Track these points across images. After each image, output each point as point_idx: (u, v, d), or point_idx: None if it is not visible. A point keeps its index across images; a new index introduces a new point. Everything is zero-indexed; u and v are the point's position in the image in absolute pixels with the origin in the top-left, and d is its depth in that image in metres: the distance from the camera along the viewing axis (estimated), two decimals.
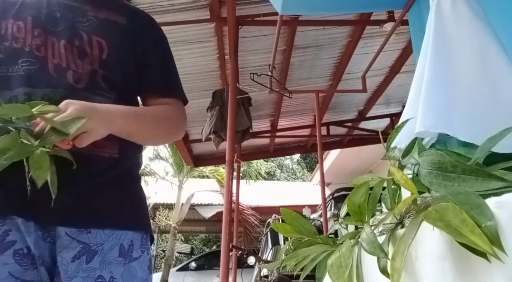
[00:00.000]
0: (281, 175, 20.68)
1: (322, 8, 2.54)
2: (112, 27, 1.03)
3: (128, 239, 0.93)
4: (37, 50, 0.93)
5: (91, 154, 0.89)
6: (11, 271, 0.81)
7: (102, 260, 0.88)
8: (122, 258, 0.90)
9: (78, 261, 0.86)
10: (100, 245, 0.89)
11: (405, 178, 0.72)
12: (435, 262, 0.64)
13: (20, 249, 0.83)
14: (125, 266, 0.90)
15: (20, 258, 0.83)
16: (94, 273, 0.86)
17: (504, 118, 1.04)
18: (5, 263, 0.81)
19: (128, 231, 0.93)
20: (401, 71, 4.50)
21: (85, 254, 0.87)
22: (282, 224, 1.13)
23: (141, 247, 0.95)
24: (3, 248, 0.82)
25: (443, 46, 1.26)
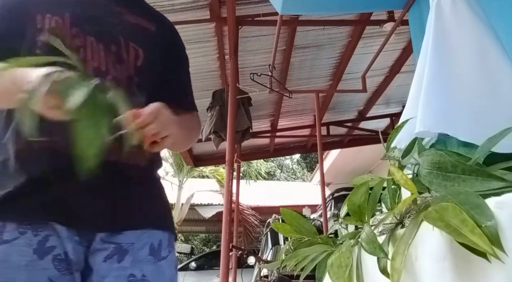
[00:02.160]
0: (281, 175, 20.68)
1: (322, 8, 2.54)
2: (145, 34, 1.03)
3: (157, 238, 0.95)
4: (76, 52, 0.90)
5: (124, 163, 0.91)
6: (50, 276, 0.82)
7: (133, 259, 0.89)
8: (152, 257, 0.92)
9: (109, 260, 0.88)
10: (131, 244, 0.90)
11: (405, 178, 0.72)
12: (435, 262, 0.64)
13: (58, 254, 0.84)
14: (154, 265, 0.92)
15: (59, 264, 0.83)
16: (126, 272, 0.88)
17: (504, 118, 1.04)
18: (45, 268, 0.82)
19: (157, 230, 0.96)
20: (401, 71, 4.49)
21: (117, 253, 0.89)
22: (282, 224, 1.13)
23: (168, 247, 0.97)
24: (43, 253, 0.82)
25: (443, 46, 1.26)
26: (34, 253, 0.82)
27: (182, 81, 1.14)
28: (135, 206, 0.94)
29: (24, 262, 0.80)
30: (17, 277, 0.79)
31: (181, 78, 1.14)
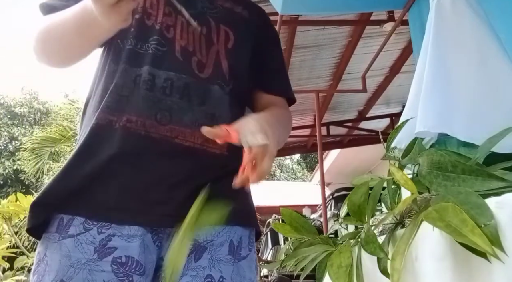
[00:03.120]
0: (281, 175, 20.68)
1: (322, 8, 2.54)
2: (237, 18, 1.00)
3: (238, 235, 0.88)
4: (166, 31, 0.90)
5: (204, 149, 0.85)
6: (106, 279, 0.76)
7: (211, 257, 0.83)
8: (231, 256, 0.85)
9: (187, 258, 0.81)
10: (209, 241, 0.84)
11: (405, 178, 0.72)
12: (435, 262, 0.64)
13: (119, 257, 0.78)
14: (234, 266, 0.85)
15: (117, 267, 0.77)
16: (203, 272, 0.81)
17: (504, 118, 1.04)
18: (102, 270, 0.76)
19: (238, 226, 0.89)
20: (401, 71, 4.50)
21: (194, 251, 0.82)
22: (282, 224, 1.13)
23: (249, 245, 0.91)
24: (103, 254, 0.77)
25: (443, 46, 1.26)
26: (95, 252, 0.77)
27: (277, 67, 1.08)
28: (215, 199, 0.85)
29: (84, 260, 0.76)
30: (75, 276, 0.75)
31: (276, 64, 1.08)
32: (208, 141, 0.84)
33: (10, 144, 16.85)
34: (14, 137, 16.93)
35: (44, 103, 18.58)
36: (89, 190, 0.80)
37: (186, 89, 0.86)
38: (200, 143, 0.85)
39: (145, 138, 0.82)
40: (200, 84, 0.88)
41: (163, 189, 0.81)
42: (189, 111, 0.86)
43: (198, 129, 0.82)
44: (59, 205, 0.79)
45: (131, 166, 0.82)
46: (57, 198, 0.80)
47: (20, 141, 15.85)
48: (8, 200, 5.75)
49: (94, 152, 0.82)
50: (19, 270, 5.60)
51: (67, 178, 0.81)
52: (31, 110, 17.94)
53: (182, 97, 0.86)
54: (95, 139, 0.83)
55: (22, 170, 13.98)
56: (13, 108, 17.69)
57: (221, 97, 0.90)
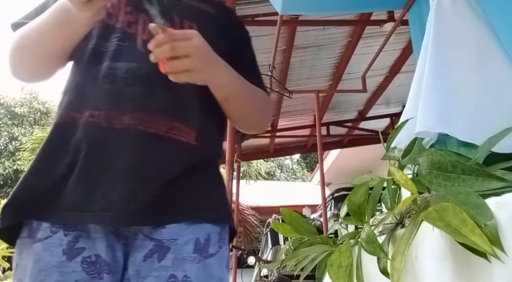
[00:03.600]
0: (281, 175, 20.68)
1: (322, 8, 2.54)
2: (202, 14, 1.01)
3: (205, 233, 0.85)
4: (128, 27, 0.91)
5: (170, 137, 0.84)
6: (78, 279, 0.77)
7: (175, 257, 0.81)
8: (197, 255, 0.82)
9: (149, 259, 0.80)
10: (173, 241, 0.82)
11: (405, 178, 0.72)
12: (435, 262, 0.64)
13: (88, 256, 0.78)
14: (200, 264, 0.82)
15: (88, 266, 0.78)
16: (167, 272, 0.79)
17: (504, 118, 1.04)
18: (73, 270, 0.77)
19: (205, 223, 0.85)
20: (401, 71, 4.50)
21: (157, 252, 0.81)
22: (282, 224, 1.13)
23: (219, 242, 0.87)
24: (72, 255, 0.78)
25: (443, 46, 1.26)
26: (63, 254, 0.77)
27: (252, 64, 1.09)
28: (181, 197, 0.84)
29: (54, 262, 0.77)
30: (47, 279, 0.76)
31: (250, 62, 1.08)
32: (173, 129, 0.84)
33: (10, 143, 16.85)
34: (14, 137, 16.93)
35: (44, 103, 18.58)
36: (53, 192, 0.80)
37: (149, 78, 0.86)
38: (165, 130, 0.83)
39: (109, 131, 0.82)
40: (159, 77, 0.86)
41: (129, 184, 0.80)
42: (153, 99, 0.85)
43: (162, 116, 0.83)
44: (25, 211, 0.80)
45: (96, 162, 0.81)
46: (23, 204, 0.80)
47: (20, 141, 15.86)
48: None
49: (57, 152, 0.82)
50: None
51: (31, 181, 0.81)
52: (31, 110, 17.94)
53: (145, 86, 0.86)
54: (58, 139, 0.84)
55: (22, 170, 13.97)
56: (13, 108, 17.70)
57: (190, 87, 0.87)
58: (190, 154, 0.87)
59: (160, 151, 0.83)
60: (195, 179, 0.87)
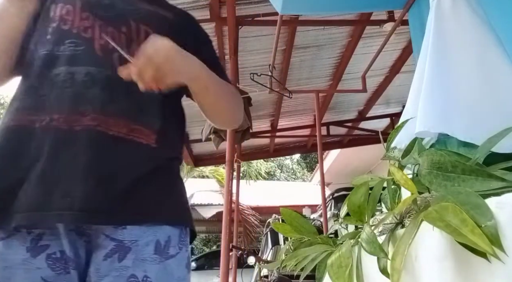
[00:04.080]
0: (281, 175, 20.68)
1: (322, 8, 2.54)
2: (159, 19, 1.02)
3: (165, 235, 0.87)
4: (84, 32, 0.92)
5: (130, 139, 0.85)
6: (43, 276, 0.78)
7: (136, 257, 0.82)
8: (157, 256, 0.84)
9: (110, 259, 0.81)
10: (134, 242, 0.83)
11: (405, 178, 0.72)
12: (435, 262, 0.64)
13: (53, 253, 0.79)
14: (160, 264, 0.84)
15: (53, 262, 0.79)
16: (127, 272, 0.81)
17: (504, 118, 1.04)
18: (38, 267, 0.78)
19: (165, 225, 0.87)
20: (401, 71, 4.50)
21: (118, 252, 0.82)
22: (282, 224, 1.13)
23: (179, 244, 0.88)
24: (36, 252, 0.79)
25: (443, 46, 1.26)
26: (27, 252, 0.78)
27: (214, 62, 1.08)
28: (141, 199, 0.85)
29: (19, 260, 0.77)
30: (13, 277, 0.77)
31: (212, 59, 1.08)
32: (133, 131, 0.85)
33: None
34: None
35: None
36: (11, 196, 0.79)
37: (109, 81, 0.87)
38: (125, 132, 0.84)
39: (68, 132, 0.82)
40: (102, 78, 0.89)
41: (89, 184, 0.80)
42: (113, 102, 0.86)
43: (122, 118, 0.84)
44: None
45: (55, 163, 0.81)
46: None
47: None
48: None
49: (14, 154, 0.82)
50: None
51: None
52: None
53: (105, 89, 0.86)
54: (13, 142, 0.83)
55: None
56: None
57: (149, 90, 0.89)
58: (150, 156, 0.88)
59: (120, 152, 0.84)
60: (155, 181, 0.88)
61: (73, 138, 0.82)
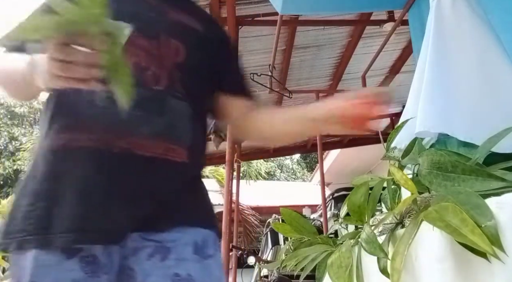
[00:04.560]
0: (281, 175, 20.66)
1: (322, 8, 2.54)
2: (189, 32, 1.01)
3: (202, 236, 0.90)
4: None
5: (166, 159, 0.87)
6: (74, 278, 0.78)
7: (177, 257, 0.85)
8: (197, 255, 0.88)
9: (153, 259, 0.84)
10: (173, 242, 0.86)
11: (405, 178, 0.72)
12: (435, 262, 0.64)
13: (86, 256, 0.80)
14: (200, 263, 0.87)
15: (86, 265, 0.80)
16: (170, 270, 0.84)
17: (504, 118, 1.04)
18: (70, 269, 0.78)
19: (200, 228, 0.91)
20: (401, 71, 4.49)
21: (159, 252, 0.85)
22: (282, 224, 1.13)
23: (214, 245, 0.92)
24: (71, 254, 0.79)
25: (443, 46, 1.26)
26: (62, 253, 0.79)
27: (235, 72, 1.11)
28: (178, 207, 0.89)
29: (52, 261, 0.78)
30: (45, 276, 0.77)
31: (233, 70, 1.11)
32: (168, 150, 0.87)
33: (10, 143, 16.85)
34: (14, 137, 16.93)
35: None
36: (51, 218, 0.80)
37: (143, 102, 0.86)
38: (160, 152, 0.86)
39: (106, 154, 0.83)
40: (157, 96, 0.89)
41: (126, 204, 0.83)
42: (148, 122, 0.87)
43: (158, 140, 0.85)
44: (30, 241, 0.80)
45: (94, 185, 0.82)
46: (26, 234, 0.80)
47: (20, 141, 15.86)
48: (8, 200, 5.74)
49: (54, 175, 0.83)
50: None
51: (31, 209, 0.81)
52: (31, 110, 17.93)
53: (139, 110, 0.86)
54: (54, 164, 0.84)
55: (22, 170, 13.98)
56: (13, 108, 17.69)
57: (181, 108, 0.92)
58: (184, 171, 0.91)
59: (157, 172, 0.86)
60: (190, 192, 0.92)
61: (111, 161, 0.83)
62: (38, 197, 0.82)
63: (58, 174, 0.83)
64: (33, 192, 0.83)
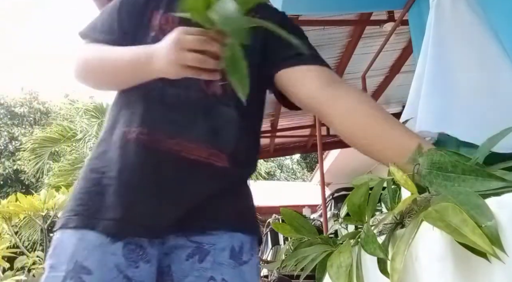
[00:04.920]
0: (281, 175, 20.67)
1: (322, 8, 2.54)
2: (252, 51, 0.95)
3: (239, 241, 0.91)
4: None
5: (209, 163, 0.88)
6: (117, 263, 0.79)
7: (214, 260, 0.86)
8: (232, 261, 0.88)
9: (191, 260, 0.85)
10: (212, 245, 0.87)
11: (405, 178, 0.72)
12: (435, 262, 0.64)
13: (129, 242, 0.82)
14: (235, 269, 0.88)
15: (129, 252, 0.81)
16: (206, 273, 0.85)
17: (504, 118, 1.04)
18: (114, 253, 0.80)
19: (239, 233, 0.92)
20: (401, 71, 4.49)
21: (198, 253, 0.86)
22: (282, 224, 1.13)
23: (251, 251, 0.93)
24: (116, 238, 0.81)
25: (443, 46, 1.26)
26: (108, 236, 0.80)
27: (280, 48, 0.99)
28: (219, 210, 0.90)
29: (98, 242, 0.79)
30: (89, 257, 0.78)
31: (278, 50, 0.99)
32: (211, 155, 0.88)
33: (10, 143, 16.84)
34: (14, 137, 16.92)
35: (44, 103, 18.58)
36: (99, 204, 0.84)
37: (193, 105, 0.89)
38: (204, 156, 0.87)
39: (154, 152, 0.85)
40: (207, 100, 0.90)
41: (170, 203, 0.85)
42: (195, 126, 0.88)
43: (203, 144, 0.87)
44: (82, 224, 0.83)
45: (140, 179, 0.85)
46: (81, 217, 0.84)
47: (20, 141, 15.85)
48: (8, 200, 5.75)
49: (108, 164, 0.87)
50: (19, 270, 5.61)
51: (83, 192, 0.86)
52: (31, 110, 17.93)
53: (189, 113, 0.88)
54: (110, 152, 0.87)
55: (22, 170, 13.97)
56: (13, 108, 17.69)
57: (228, 114, 0.92)
58: (225, 175, 0.91)
59: (200, 175, 0.88)
60: (230, 195, 0.93)
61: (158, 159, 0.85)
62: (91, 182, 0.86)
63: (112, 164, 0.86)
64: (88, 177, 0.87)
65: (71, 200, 0.86)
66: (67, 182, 8.66)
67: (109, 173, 0.85)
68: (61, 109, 15.36)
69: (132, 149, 0.86)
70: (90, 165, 0.89)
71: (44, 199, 5.86)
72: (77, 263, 0.77)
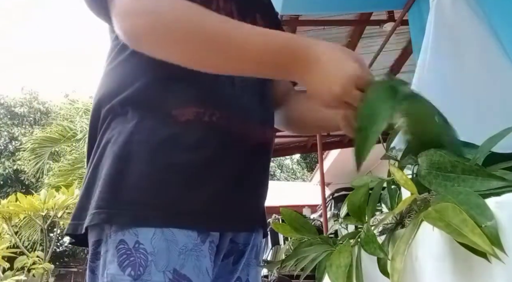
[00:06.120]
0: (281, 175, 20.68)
1: (322, 8, 2.54)
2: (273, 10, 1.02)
3: (260, 240, 0.89)
4: None
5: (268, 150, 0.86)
6: (207, 266, 0.71)
7: (245, 262, 0.84)
8: (255, 260, 0.87)
9: (226, 260, 0.81)
10: (246, 246, 0.84)
11: (405, 178, 0.72)
12: (435, 262, 0.64)
13: (212, 241, 0.74)
14: (255, 269, 0.87)
15: (211, 253, 0.73)
16: (235, 275, 0.83)
17: (504, 118, 1.04)
18: (205, 255, 0.70)
19: (261, 229, 0.89)
20: (401, 71, 4.49)
21: (234, 254, 0.82)
22: (282, 224, 1.12)
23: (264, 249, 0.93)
24: (204, 237, 0.71)
25: (443, 46, 1.26)
26: (198, 235, 0.70)
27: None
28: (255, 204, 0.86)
29: (191, 245, 0.69)
30: (186, 263, 0.67)
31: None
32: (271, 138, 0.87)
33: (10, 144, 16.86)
34: (14, 137, 16.94)
35: (44, 103, 18.60)
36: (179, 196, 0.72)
37: (254, 88, 0.86)
38: (268, 138, 0.86)
39: (229, 135, 0.79)
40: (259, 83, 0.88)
41: (249, 192, 0.83)
42: (257, 109, 0.86)
43: (265, 126, 0.85)
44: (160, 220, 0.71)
45: (219, 166, 0.76)
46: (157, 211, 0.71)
47: (20, 141, 15.87)
48: (8, 200, 5.75)
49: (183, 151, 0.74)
50: (19, 270, 5.60)
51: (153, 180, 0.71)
52: (31, 110, 17.95)
53: (254, 96, 0.86)
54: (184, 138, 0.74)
55: (22, 170, 13.99)
56: (13, 108, 17.70)
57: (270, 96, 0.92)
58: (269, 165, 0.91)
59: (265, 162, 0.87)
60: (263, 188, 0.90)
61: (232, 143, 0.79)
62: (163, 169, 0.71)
63: (191, 149, 0.74)
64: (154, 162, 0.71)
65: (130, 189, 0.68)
66: (67, 182, 8.66)
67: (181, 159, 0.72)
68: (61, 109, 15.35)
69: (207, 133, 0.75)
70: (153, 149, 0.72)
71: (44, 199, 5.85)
72: (175, 272, 0.65)
